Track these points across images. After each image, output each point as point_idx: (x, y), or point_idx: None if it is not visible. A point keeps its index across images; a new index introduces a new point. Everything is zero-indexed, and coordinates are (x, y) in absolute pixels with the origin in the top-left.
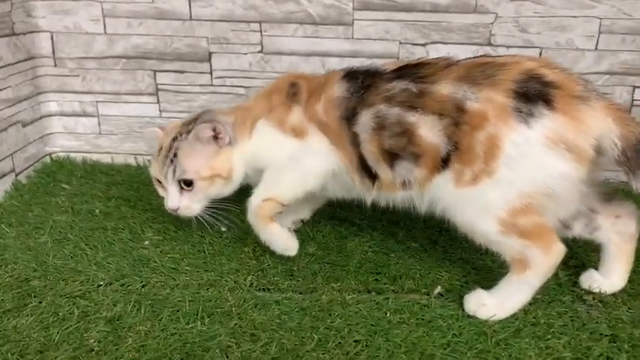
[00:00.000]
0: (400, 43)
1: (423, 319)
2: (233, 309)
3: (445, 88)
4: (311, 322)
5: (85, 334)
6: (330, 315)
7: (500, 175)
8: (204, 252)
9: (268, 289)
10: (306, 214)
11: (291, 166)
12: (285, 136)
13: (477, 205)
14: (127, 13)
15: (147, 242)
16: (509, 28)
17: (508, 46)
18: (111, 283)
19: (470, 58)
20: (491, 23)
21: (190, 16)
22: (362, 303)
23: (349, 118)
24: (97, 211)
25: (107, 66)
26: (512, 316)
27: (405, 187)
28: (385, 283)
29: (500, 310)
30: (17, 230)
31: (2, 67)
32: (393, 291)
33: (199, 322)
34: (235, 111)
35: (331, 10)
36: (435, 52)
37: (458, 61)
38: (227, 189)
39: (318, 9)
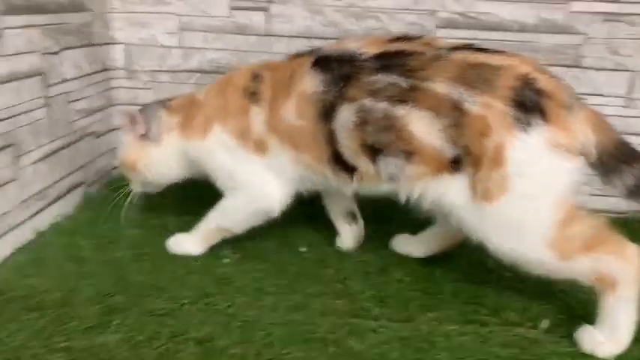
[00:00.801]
0: None
1: (536, 356)
2: (327, 335)
3: (440, 87)
4: (414, 354)
5: (176, 355)
6: (434, 347)
7: (516, 189)
8: (286, 272)
9: (360, 316)
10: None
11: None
12: (245, 153)
13: (512, 227)
14: (204, 27)
15: (226, 260)
16: (599, 50)
17: (597, 69)
18: (195, 302)
19: (455, 47)
20: (580, 44)
21: (267, 32)
22: (465, 335)
23: (327, 114)
24: (170, 226)
25: (180, 80)
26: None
27: (392, 182)
28: (486, 315)
29: (615, 344)
30: (92, 244)
31: (81, 77)
32: (496, 323)
33: (295, 348)
34: (185, 105)
35: (413, 28)
36: None
37: (440, 48)
38: (147, 180)
39: (399, 26)
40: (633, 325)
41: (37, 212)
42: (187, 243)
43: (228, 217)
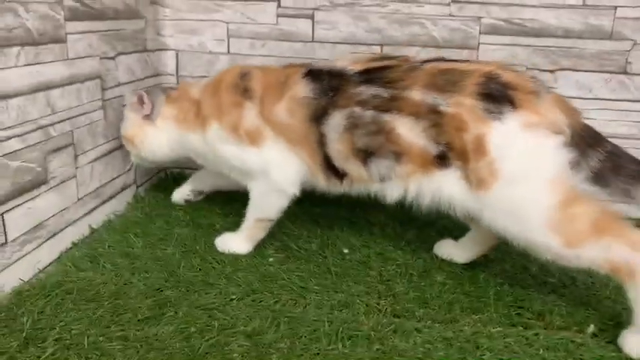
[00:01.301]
0: (527, 68)
1: (582, 359)
2: (372, 333)
3: (416, 95)
4: (458, 354)
5: (226, 347)
6: (478, 347)
7: (506, 172)
8: (330, 273)
9: (404, 316)
10: (206, 188)
11: (260, 180)
12: (246, 146)
13: (513, 211)
14: (251, 34)
15: (271, 259)
16: None
17: None
18: (243, 298)
19: (428, 60)
20: (628, 50)
21: (312, 38)
22: (509, 337)
23: (318, 118)
24: (218, 225)
25: None
26: None
27: (383, 182)
28: (530, 318)
29: None
30: (144, 241)
31: (134, 81)
32: (541, 327)
33: (340, 344)
34: (180, 99)
35: (456, 34)
36: (564, 80)
37: (417, 62)
38: (141, 155)
39: (442, 32)
40: None
41: (92, 210)
42: (234, 242)
43: (257, 208)
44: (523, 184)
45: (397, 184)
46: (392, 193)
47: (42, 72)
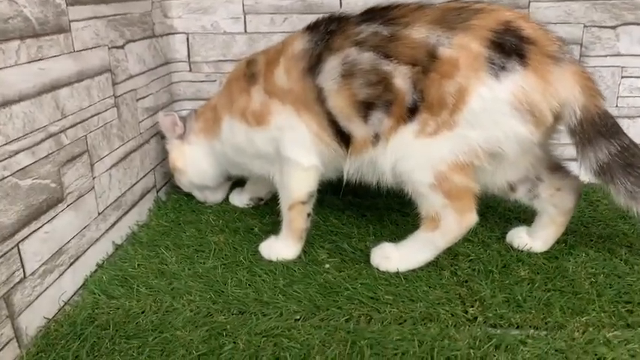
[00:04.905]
0: (585, 26)
1: None
2: (471, 351)
3: (417, 32)
4: None
5: None
6: None
7: (460, 129)
8: (398, 276)
9: (499, 325)
10: (263, 193)
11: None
12: (250, 130)
13: (423, 156)
14: (271, 8)
15: (327, 266)
16: None
17: None
18: (308, 318)
19: (444, 1)
20: None
21: (341, 7)
22: (632, 342)
23: (312, 68)
24: (256, 229)
25: None
26: None
27: (374, 143)
28: None
29: (402, 263)
30: (177, 254)
31: (146, 71)
32: None
33: None
34: (205, 111)
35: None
36: (628, 36)
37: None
38: (188, 179)
39: None
40: (423, 263)
41: (114, 223)
42: (280, 246)
43: (284, 192)
44: (457, 140)
45: (384, 147)
46: (384, 162)
47: (47, 69)
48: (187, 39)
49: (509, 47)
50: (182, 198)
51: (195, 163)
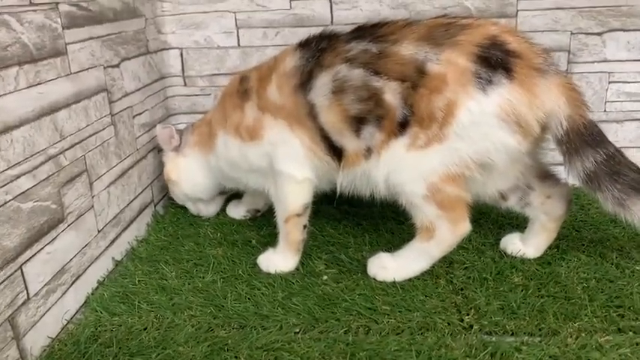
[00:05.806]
0: (572, 33)
1: None
2: None
3: (406, 49)
4: None
5: None
6: None
7: (450, 142)
8: (394, 286)
9: (494, 332)
10: (260, 205)
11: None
12: (243, 146)
13: (415, 168)
14: (263, 22)
15: (325, 277)
16: None
17: None
18: (307, 330)
19: (431, 18)
20: None
21: (332, 21)
22: (623, 347)
23: (304, 84)
24: (254, 241)
25: None
26: None
27: (367, 157)
28: (636, 319)
29: (398, 272)
30: (177, 269)
31: (141, 88)
32: None
33: None
34: (201, 124)
35: (492, 2)
36: (615, 42)
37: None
38: (181, 191)
39: (476, 2)
40: (419, 273)
41: (114, 240)
42: (278, 259)
43: (280, 205)
44: (447, 153)
45: (376, 160)
46: (377, 174)
47: (45, 93)
48: (181, 54)
49: (496, 61)
50: (179, 211)
51: (188, 175)
